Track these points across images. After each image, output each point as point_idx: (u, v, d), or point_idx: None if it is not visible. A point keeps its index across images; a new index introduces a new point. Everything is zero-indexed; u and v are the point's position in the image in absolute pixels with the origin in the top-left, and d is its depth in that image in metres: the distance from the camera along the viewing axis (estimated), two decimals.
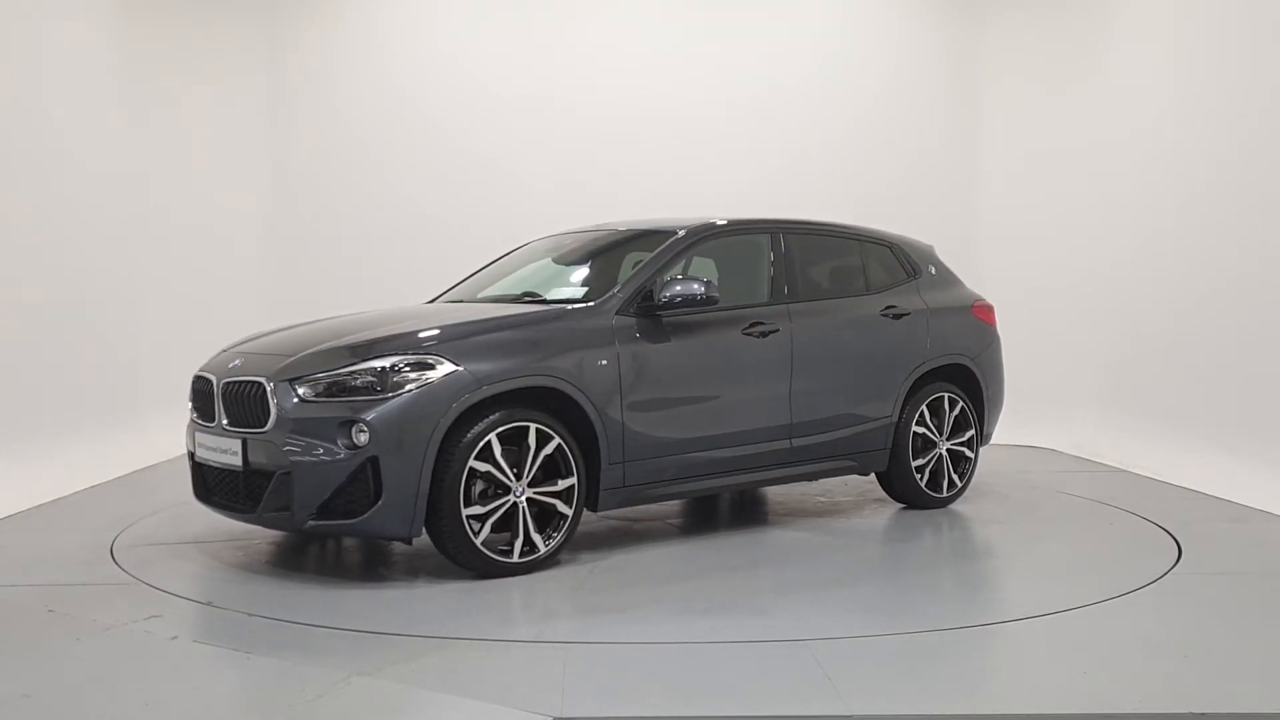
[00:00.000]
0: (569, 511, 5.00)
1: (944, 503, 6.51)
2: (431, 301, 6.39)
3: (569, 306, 5.39)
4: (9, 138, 7.03)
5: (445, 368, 4.75)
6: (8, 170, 7.01)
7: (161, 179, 9.17)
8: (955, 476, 6.54)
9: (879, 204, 9.15)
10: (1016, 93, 9.98)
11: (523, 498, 4.88)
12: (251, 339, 5.53)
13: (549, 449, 4.93)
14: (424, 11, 9.88)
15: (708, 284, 5.38)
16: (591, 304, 5.36)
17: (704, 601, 4.60)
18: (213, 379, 5.16)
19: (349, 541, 5.64)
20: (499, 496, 4.83)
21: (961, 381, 6.64)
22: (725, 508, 6.62)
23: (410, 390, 4.67)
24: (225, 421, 5.02)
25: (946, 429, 6.50)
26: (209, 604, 4.55)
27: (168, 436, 8.23)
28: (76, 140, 7.98)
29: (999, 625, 4.24)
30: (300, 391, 4.75)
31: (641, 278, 5.50)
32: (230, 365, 5.13)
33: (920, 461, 6.38)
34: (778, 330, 5.81)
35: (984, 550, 5.65)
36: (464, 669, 3.74)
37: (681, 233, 5.83)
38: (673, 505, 6.58)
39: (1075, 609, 4.48)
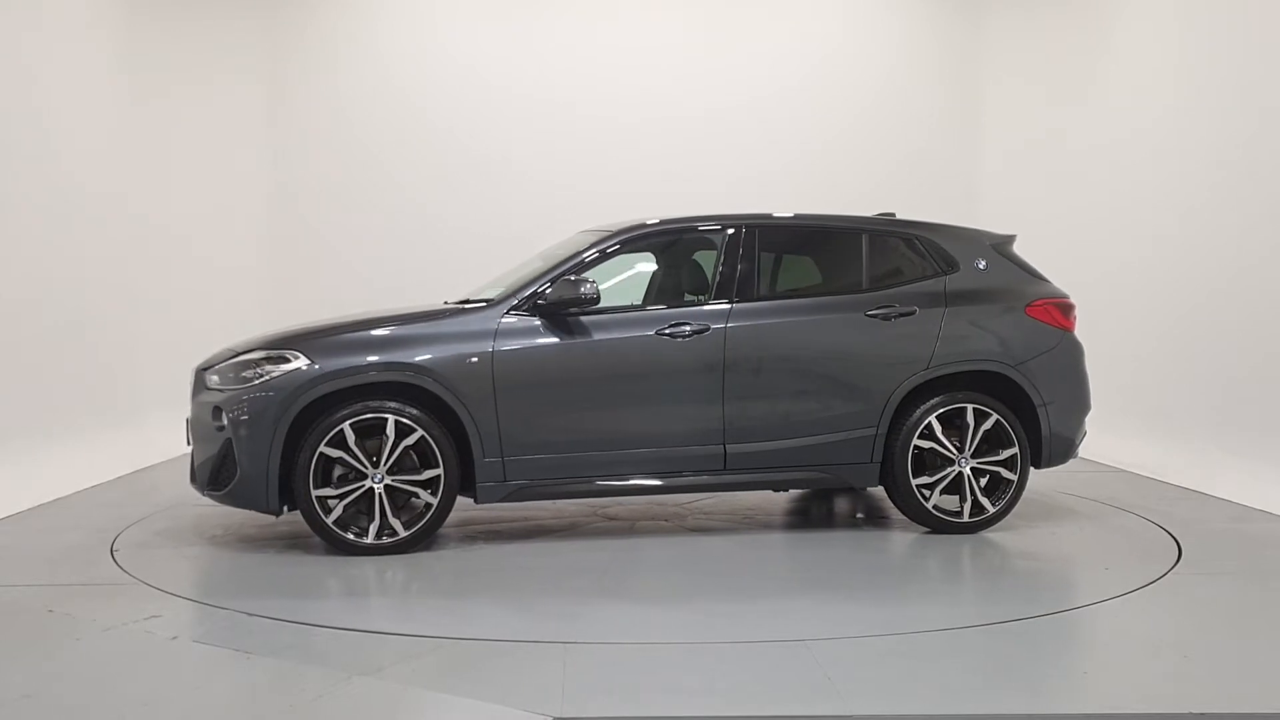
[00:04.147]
0: (434, 501, 5.30)
1: (968, 529, 5.76)
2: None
3: (462, 306, 5.69)
4: (8, 136, 7.03)
5: (299, 362, 5.27)
6: (6, 168, 7.01)
7: (161, 178, 9.16)
8: (986, 500, 5.77)
9: (879, 203, 9.14)
10: (1016, 93, 9.99)
11: (380, 484, 5.24)
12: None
13: (410, 440, 5.24)
14: (424, 11, 9.88)
15: (591, 284, 5.44)
16: (486, 303, 5.59)
17: (703, 602, 4.60)
18: None
19: None
20: (358, 481, 5.25)
21: (1000, 391, 5.87)
22: (731, 511, 6.62)
23: (263, 381, 5.23)
24: None
25: (969, 445, 5.73)
26: (209, 604, 4.56)
27: (168, 436, 8.22)
28: (76, 140, 7.97)
29: (999, 625, 4.23)
30: (210, 380, 5.42)
31: (545, 278, 5.59)
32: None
33: (925, 480, 5.72)
34: (706, 330, 5.57)
35: (984, 551, 5.64)
36: (464, 669, 3.75)
37: (611, 232, 5.86)
38: (676, 505, 6.58)
39: (1075, 609, 4.48)
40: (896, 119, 10.07)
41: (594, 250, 5.74)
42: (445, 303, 6.26)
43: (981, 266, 6.04)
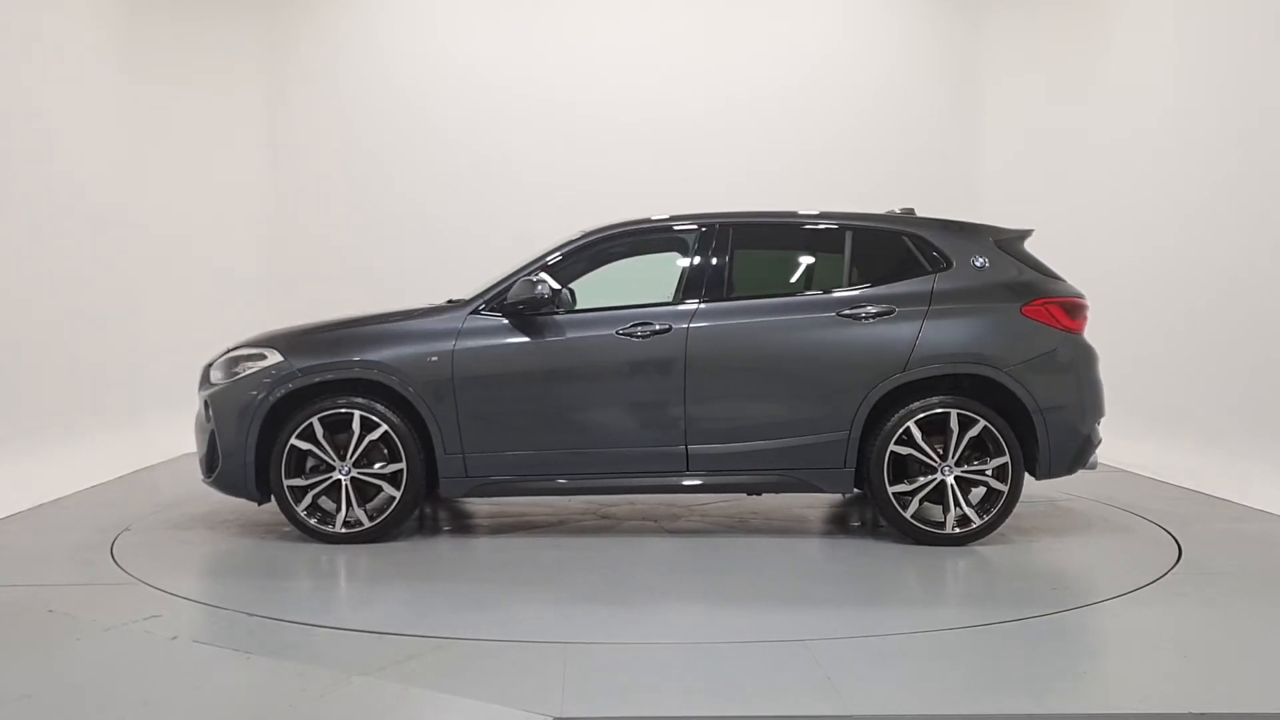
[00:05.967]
0: (396, 493, 5.51)
1: (953, 540, 5.51)
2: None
3: (438, 306, 5.82)
4: (8, 137, 7.03)
5: (274, 359, 5.56)
6: (6, 169, 7.01)
7: (161, 179, 9.18)
8: (972, 511, 5.52)
9: (879, 203, 9.13)
10: (1016, 93, 9.99)
11: (347, 476, 5.49)
12: None
13: (375, 435, 5.47)
14: (424, 11, 9.89)
15: (544, 284, 5.50)
16: (457, 303, 5.74)
17: (703, 602, 4.60)
18: None
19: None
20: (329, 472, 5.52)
21: (991, 396, 5.57)
22: (733, 512, 6.62)
23: (242, 377, 5.56)
24: None
25: (953, 452, 5.45)
26: (209, 604, 4.56)
27: (168, 436, 8.23)
28: (76, 140, 7.98)
29: (998, 625, 4.23)
30: (213, 375, 5.72)
31: (511, 279, 5.68)
32: None
33: (903, 488, 5.49)
34: (668, 330, 5.52)
35: (983, 550, 5.64)
36: (464, 669, 3.74)
37: (583, 233, 5.89)
38: (682, 506, 6.58)
39: (1075, 609, 4.48)
40: (896, 119, 10.08)
41: (560, 251, 5.80)
42: (448, 302, 6.29)
43: (980, 264, 5.68)
